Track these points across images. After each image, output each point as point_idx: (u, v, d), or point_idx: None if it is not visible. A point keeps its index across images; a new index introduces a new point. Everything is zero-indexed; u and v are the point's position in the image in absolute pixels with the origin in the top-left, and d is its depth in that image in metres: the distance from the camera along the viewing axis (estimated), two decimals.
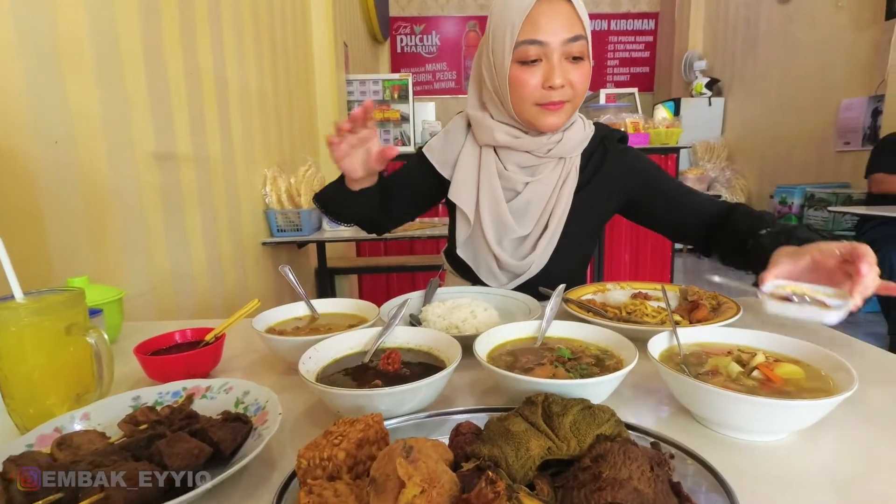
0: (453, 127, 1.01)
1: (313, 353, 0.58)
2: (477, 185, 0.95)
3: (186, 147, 1.58)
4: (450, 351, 0.59)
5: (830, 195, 3.81)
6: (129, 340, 0.86)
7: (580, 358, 0.57)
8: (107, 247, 1.20)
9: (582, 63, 0.84)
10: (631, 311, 0.77)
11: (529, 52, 0.82)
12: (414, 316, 0.81)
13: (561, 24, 0.80)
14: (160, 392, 0.55)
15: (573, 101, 0.86)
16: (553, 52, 0.81)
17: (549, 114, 0.85)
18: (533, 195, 0.94)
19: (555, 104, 0.84)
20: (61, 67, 1.07)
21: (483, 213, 0.95)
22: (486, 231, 0.95)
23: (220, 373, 0.70)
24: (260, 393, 0.53)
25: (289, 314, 0.79)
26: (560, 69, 0.82)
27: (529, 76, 0.83)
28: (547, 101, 0.84)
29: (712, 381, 0.50)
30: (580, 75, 0.84)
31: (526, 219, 0.95)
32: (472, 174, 0.96)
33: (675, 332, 0.59)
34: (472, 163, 0.96)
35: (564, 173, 0.94)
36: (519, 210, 0.94)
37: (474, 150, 0.97)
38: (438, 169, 0.99)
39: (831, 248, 0.62)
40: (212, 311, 1.70)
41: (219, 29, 1.82)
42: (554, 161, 0.94)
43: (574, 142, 0.93)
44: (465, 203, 0.96)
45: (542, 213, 0.95)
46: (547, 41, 0.81)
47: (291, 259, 2.64)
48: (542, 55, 0.82)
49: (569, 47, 0.81)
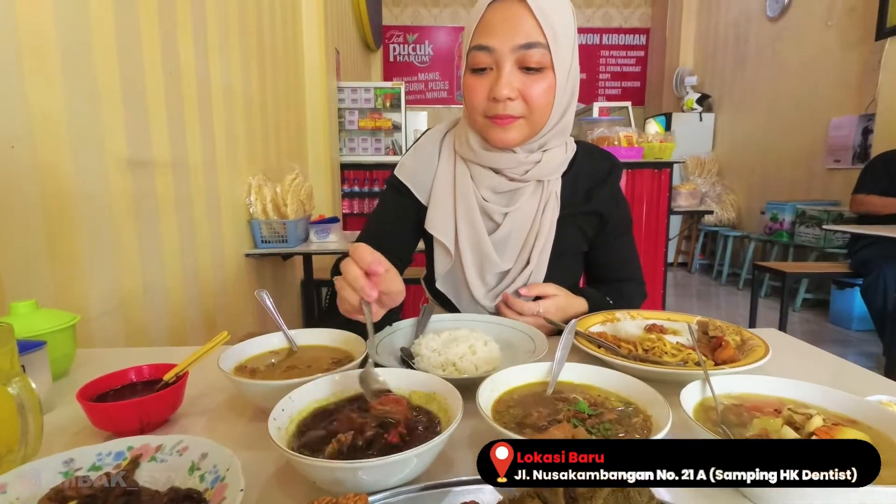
0: (424, 142, 0.91)
1: (287, 403, 0.49)
2: (454, 215, 0.86)
3: (163, 151, 1.48)
4: (448, 401, 0.50)
5: (822, 212, 3.81)
6: (83, 371, 0.76)
7: (601, 414, 0.49)
8: (68, 260, 1.09)
9: (542, 74, 0.73)
10: (648, 347, 0.70)
11: (478, 58, 0.74)
12: (405, 349, 0.73)
13: (512, 29, 0.71)
14: (99, 453, 0.45)
15: (529, 117, 0.76)
16: (503, 60, 0.72)
17: (496, 128, 0.76)
18: (513, 226, 0.84)
19: (502, 118, 0.75)
20: (20, 60, 0.97)
21: (463, 245, 0.85)
22: (467, 266, 0.86)
23: (181, 417, 0.61)
24: (220, 457, 0.43)
25: (264, 347, 0.69)
26: (508, 79, 0.72)
27: (479, 85, 0.75)
28: (493, 113, 0.75)
29: None
30: (540, 89, 0.73)
31: (507, 252, 0.86)
32: (449, 202, 0.86)
33: (709, 382, 0.51)
34: (448, 190, 0.87)
35: (544, 200, 0.84)
36: (500, 242, 0.85)
37: (449, 171, 0.87)
38: (415, 193, 0.88)
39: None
40: (187, 328, 1.59)
41: (202, 25, 1.73)
42: (532, 186, 0.84)
43: (555, 163, 0.84)
44: (444, 234, 0.86)
45: (524, 246, 0.86)
46: (494, 47, 0.72)
47: (276, 271, 2.53)
48: (492, 63, 0.74)
49: (522, 55, 0.72)
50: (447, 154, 0.89)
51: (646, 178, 3.61)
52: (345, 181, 4.03)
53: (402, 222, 0.91)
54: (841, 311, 3.53)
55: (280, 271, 2.60)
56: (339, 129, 3.91)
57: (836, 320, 3.58)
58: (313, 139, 3.23)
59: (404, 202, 0.90)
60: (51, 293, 1.04)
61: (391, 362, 0.68)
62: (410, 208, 0.90)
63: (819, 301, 3.97)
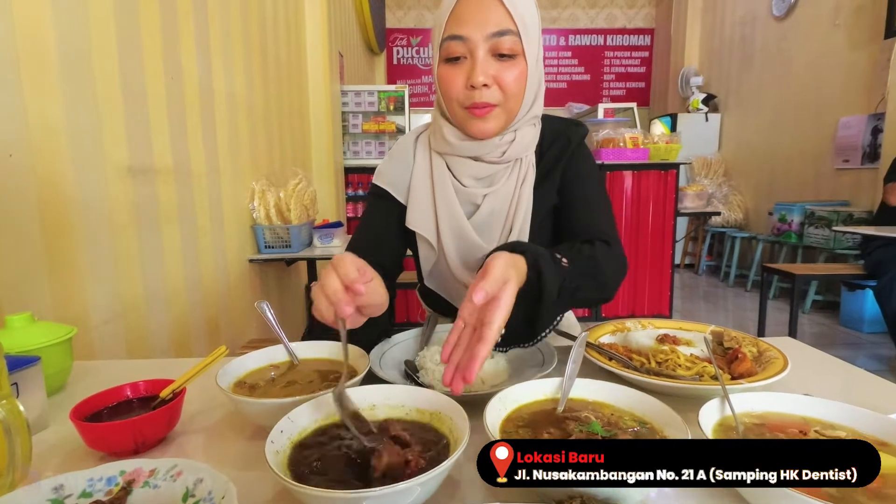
0: (397, 148, 0.92)
1: (286, 424, 0.47)
2: (434, 208, 0.85)
3: (165, 158, 1.47)
4: (454, 421, 0.48)
5: (831, 213, 3.75)
6: (80, 385, 0.75)
7: (616, 435, 0.46)
8: (68, 269, 1.08)
9: (514, 61, 0.75)
10: (661, 360, 0.67)
11: (452, 48, 0.75)
12: (409, 363, 0.70)
13: (484, 18, 0.73)
14: (90, 478, 0.43)
15: (504, 104, 0.77)
16: (477, 48, 0.73)
17: (476, 120, 0.77)
18: (494, 204, 0.84)
19: (479, 107, 0.75)
20: (18, 68, 0.96)
21: (445, 235, 0.84)
22: (450, 256, 0.85)
23: (178, 435, 0.59)
24: (216, 483, 0.41)
25: (264, 360, 0.68)
26: (483, 67, 0.73)
27: (455, 75, 0.76)
28: (471, 102, 0.75)
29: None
30: (513, 75, 0.75)
31: (491, 232, 0.85)
32: (427, 195, 0.86)
33: (728, 400, 0.49)
34: (426, 183, 0.86)
35: (522, 173, 0.85)
36: (482, 224, 0.85)
37: (425, 167, 0.87)
38: (395, 195, 0.88)
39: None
40: (189, 336, 1.57)
41: (204, 30, 1.72)
42: (510, 165, 0.85)
43: (528, 139, 0.84)
44: (424, 228, 0.85)
45: (506, 220, 0.85)
46: (468, 36, 0.73)
47: (280, 277, 2.52)
48: (466, 52, 0.74)
49: (495, 43, 0.73)
50: (422, 152, 0.89)
51: (652, 179, 3.58)
52: (348, 185, 4.02)
53: (388, 228, 0.90)
54: (852, 314, 3.47)
55: (284, 276, 2.58)
56: (342, 132, 3.90)
57: (846, 322, 3.53)
58: (317, 143, 3.22)
59: (387, 207, 0.90)
60: (50, 303, 1.03)
61: (395, 376, 0.66)
62: (394, 212, 0.89)
63: (829, 303, 3.91)
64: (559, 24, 6.81)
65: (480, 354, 0.49)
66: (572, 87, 6.92)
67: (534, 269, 0.61)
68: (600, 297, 0.74)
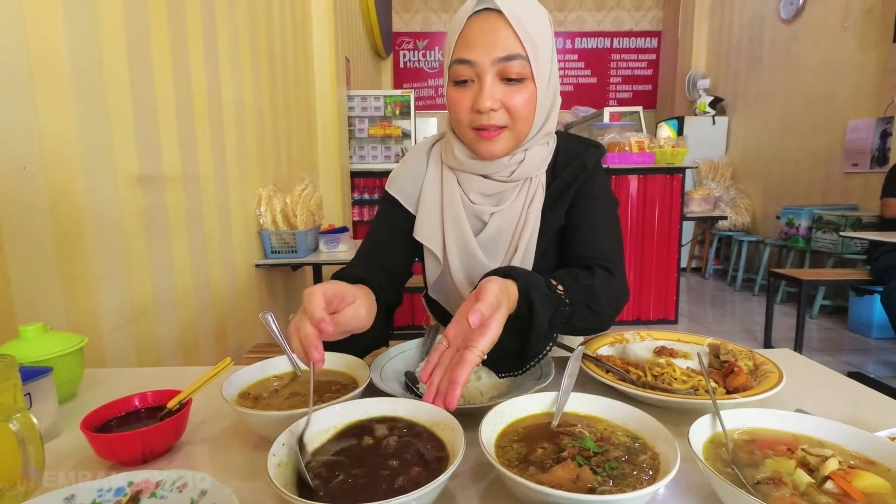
0: (412, 154, 0.93)
1: (288, 437, 0.49)
2: (441, 221, 0.86)
3: (175, 166, 1.49)
4: (449, 435, 0.49)
5: (839, 217, 3.72)
6: (91, 393, 0.77)
7: (607, 451, 0.48)
8: (80, 278, 1.11)
9: (523, 85, 0.74)
10: (657, 373, 0.68)
11: (460, 71, 0.75)
12: (410, 374, 0.72)
13: (491, 42, 0.72)
14: (100, 489, 0.45)
15: (513, 127, 0.76)
16: (484, 73, 0.73)
17: (484, 142, 0.77)
18: (501, 223, 0.85)
19: (487, 130, 0.75)
20: (31, 82, 0.99)
21: (450, 249, 0.86)
22: (454, 270, 0.86)
23: (184, 444, 0.61)
24: (219, 495, 0.43)
25: (268, 371, 0.69)
26: (490, 91, 0.73)
27: (462, 98, 0.76)
28: (478, 125, 0.76)
29: (776, 494, 0.40)
30: (521, 99, 0.74)
31: (497, 251, 0.86)
32: (436, 208, 0.87)
33: (719, 416, 0.50)
34: (435, 196, 0.87)
35: (531, 193, 0.85)
36: (488, 242, 0.85)
37: (436, 180, 0.88)
38: (405, 204, 0.90)
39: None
40: (198, 341, 1.60)
41: (213, 40, 1.75)
42: (519, 184, 0.85)
43: (538, 159, 0.84)
44: (431, 241, 0.87)
45: (511, 239, 0.85)
46: (475, 60, 0.73)
47: (286, 282, 2.54)
48: (473, 75, 0.75)
49: (502, 67, 0.73)
50: (434, 164, 0.90)
51: (658, 183, 3.57)
52: (355, 189, 4.05)
53: (397, 235, 0.91)
54: (860, 319, 3.44)
55: (290, 281, 2.61)
56: (349, 137, 3.93)
57: (854, 328, 3.50)
58: (324, 148, 3.25)
59: (398, 215, 0.91)
60: (63, 310, 1.05)
61: (395, 388, 0.67)
62: (404, 220, 0.90)
63: (837, 308, 3.88)
64: (566, 26, 6.81)
65: (460, 379, 0.50)
66: (579, 90, 6.91)
67: (525, 297, 0.61)
68: (595, 326, 0.74)
